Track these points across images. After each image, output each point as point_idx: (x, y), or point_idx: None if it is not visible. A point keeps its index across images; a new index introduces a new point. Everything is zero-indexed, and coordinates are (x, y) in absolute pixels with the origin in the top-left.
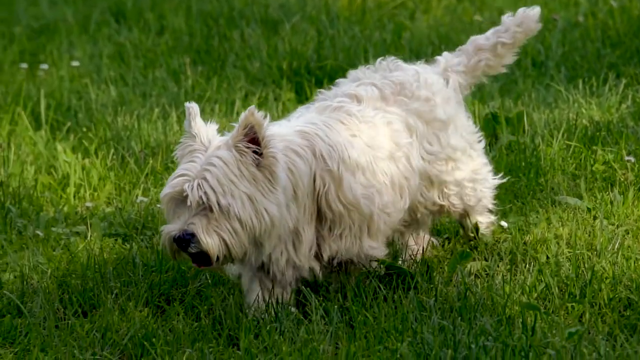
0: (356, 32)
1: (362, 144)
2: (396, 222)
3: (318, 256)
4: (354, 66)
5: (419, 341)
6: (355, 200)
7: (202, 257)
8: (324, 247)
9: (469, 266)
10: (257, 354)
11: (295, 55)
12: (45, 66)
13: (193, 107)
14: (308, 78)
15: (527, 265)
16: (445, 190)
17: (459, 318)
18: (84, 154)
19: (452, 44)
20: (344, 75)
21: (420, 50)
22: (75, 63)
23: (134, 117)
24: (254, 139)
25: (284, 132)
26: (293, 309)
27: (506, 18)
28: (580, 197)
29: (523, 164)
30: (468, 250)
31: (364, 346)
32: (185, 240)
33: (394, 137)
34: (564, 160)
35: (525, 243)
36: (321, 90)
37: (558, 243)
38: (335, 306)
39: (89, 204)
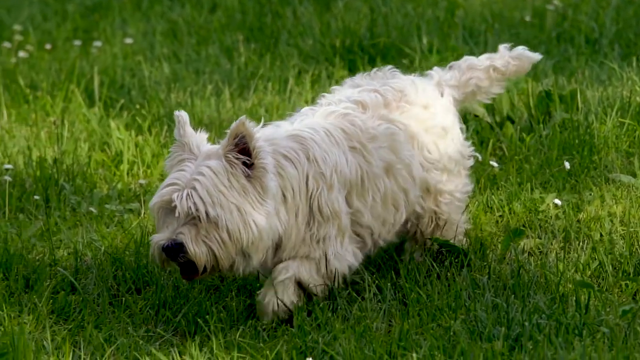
0: (409, 9)
1: (359, 159)
2: (387, 237)
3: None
4: (407, 44)
5: (472, 319)
6: (340, 211)
7: (191, 267)
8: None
9: (522, 244)
10: (310, 331)
11: (348, 33)
12: (98, 43)
13: (182, 116)
14: (361, 56)
15: (581, 243)
16: (440, 198)
17: (513, 296)
18: (138, 131)
19: (505, 22)
20: (396, 53)
21: (474, 28)
22: (128, 40)
23: (187, 94)
24: (244, 149)
25: (274, 135)
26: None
27: (503, 48)
28: (634, 175)
29: (577, 141)
30: (521, 227)
31: (417, 324)
32: (174, 249)
33: (395, 150)
34: (617, 137)
35: (578, 221)
36: (324, 94)
37: (612, 221)
38: (389, 283)
39: (142, 181)
